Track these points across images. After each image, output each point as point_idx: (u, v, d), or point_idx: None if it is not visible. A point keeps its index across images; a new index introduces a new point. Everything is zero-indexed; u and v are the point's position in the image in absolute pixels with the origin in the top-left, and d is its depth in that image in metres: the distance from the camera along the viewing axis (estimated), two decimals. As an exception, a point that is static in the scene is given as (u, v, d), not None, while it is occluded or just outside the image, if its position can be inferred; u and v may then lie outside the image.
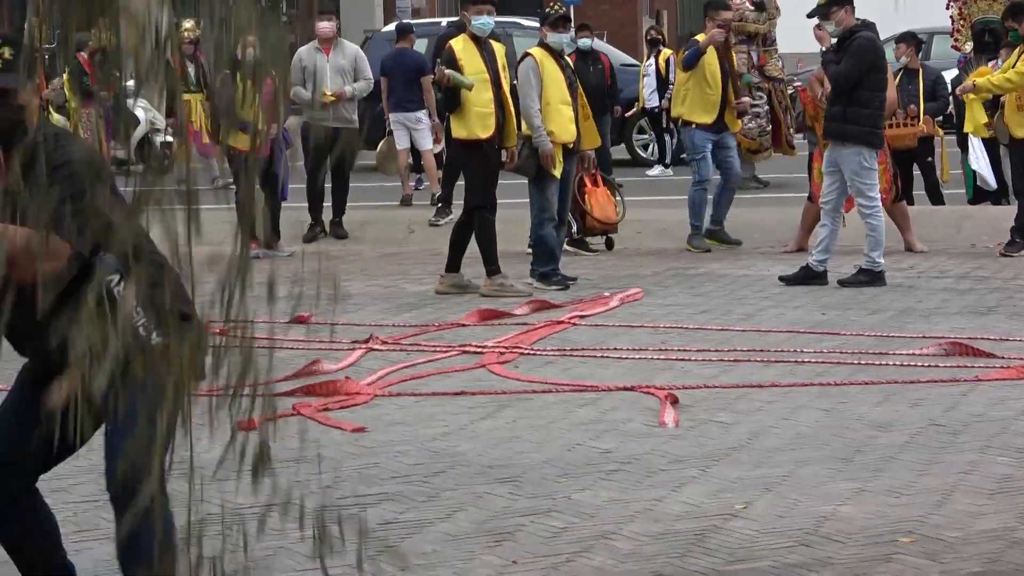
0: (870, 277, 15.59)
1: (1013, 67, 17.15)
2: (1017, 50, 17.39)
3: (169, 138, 26.62)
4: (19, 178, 5.81)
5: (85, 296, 5.46)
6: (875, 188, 15.94)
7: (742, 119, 20.40)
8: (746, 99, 20.29)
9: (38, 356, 6.27)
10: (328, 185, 20.47)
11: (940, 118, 20.66)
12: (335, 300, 5.85)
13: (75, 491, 9.01)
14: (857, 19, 16.10)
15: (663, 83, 27.79)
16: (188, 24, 23.64)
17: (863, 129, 15.77)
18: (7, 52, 6.20)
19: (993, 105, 18.27)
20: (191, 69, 26.17)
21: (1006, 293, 15.25)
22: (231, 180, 24.97)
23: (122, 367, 5.62)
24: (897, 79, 19.26)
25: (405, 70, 23.39)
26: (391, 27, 30.33)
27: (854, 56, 15.86)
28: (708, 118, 18.63)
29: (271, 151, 18.82)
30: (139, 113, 29.22)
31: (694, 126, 18.65)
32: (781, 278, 15.99)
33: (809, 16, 16.54)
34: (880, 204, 16.02)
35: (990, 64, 18.55)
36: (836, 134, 15.90)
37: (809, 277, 15.73)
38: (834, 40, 16.37)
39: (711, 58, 18.46)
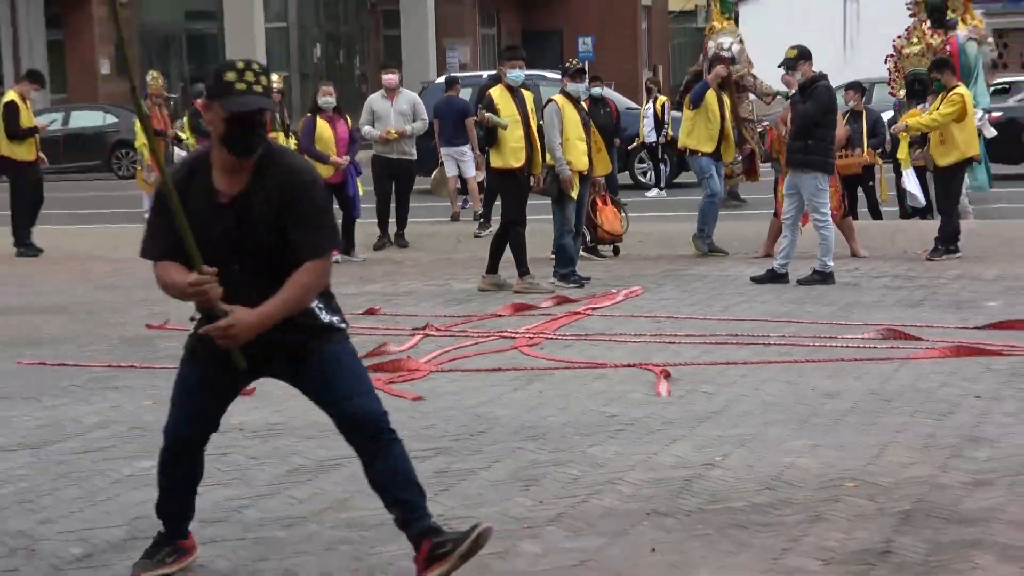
0: (822, 277, 15.54)
1: (937, 110, 17.15)
2: (940, 97, 17.38)
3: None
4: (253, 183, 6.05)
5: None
6: (827, 206, 15.97)
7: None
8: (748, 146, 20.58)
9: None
10: (392, 205, 20.27)
11: (879, 150, 20.56)
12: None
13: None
14: (815, 71, 16.07)
15: (659, 123, 28.29)
16: (276, 77, 23.86)
17: (819, 159, 15.83)
18: (265, 80, 6.16)
19: (922, 140, 18.19)
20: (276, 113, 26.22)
21: (931, 290, 15.14)
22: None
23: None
24: (845, 119, 19.27)
25: (453, 113, 23.42)
26: (442, 79, 30.31)
27: (815, 100, 15.92)
28: (710, 147, 18.58)
29: (345, 177, 18.78)
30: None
31: (700, 154, 18.55)
32: (752, 278, 15.95)
33: (780, 66, 16.57)
34: (831, 219, 16.05)
35: (919, 107, 18.42)
36: (798, 163, 15.88)
37: (774, 278, 15.71)
38: (797, 88, 16.39)
39: (712, 100, 18.45)
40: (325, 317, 6.26)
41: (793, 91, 16.67)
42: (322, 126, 18.86)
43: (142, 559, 6.57)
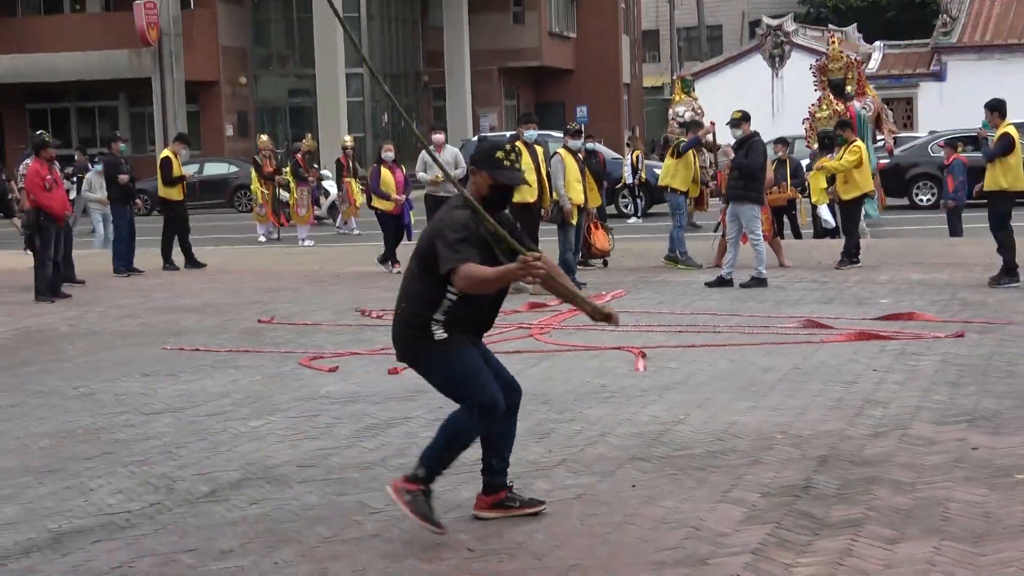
0: (758, 282, 15.42)
1: (840, 159, 17.12)
2: (843, 148, 17.33)
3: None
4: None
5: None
6: (760, 229, 15.87)
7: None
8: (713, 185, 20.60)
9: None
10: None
11: (800, 188, 20.59)
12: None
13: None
14: (752, 130, 16.07)
15: (635, 169, 28.81)
16: (320, 140, 24.20)
17: (754, 194, 15.78)
18: (518, 162, 6.21)
19: (831, 180, 18.18)
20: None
21: (838, 291, 15.00)
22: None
23: None
24: (774, 165, 19.18)
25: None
26: (476, 138, 30.38)
27: (752, 151, 15.82)
28: (685, 187, 18.57)
29: (402, 210, 18.84)
30: (331, 188, 29.19)
31: (679, 192, 18.44)
32: (706, 283, 15.79)
33: (727, 124, 16.55)
34: (763, 238, 15.91)
35: (827, 156, 18.33)
36: (738, 197, 15.77)
37: (722, 283, 15.58)
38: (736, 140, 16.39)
39: (690, 152, 18.51)
40: None
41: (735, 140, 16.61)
42: (385, 173, 18.96)
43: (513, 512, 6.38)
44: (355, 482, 7.20)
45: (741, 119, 16.29)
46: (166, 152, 20.75)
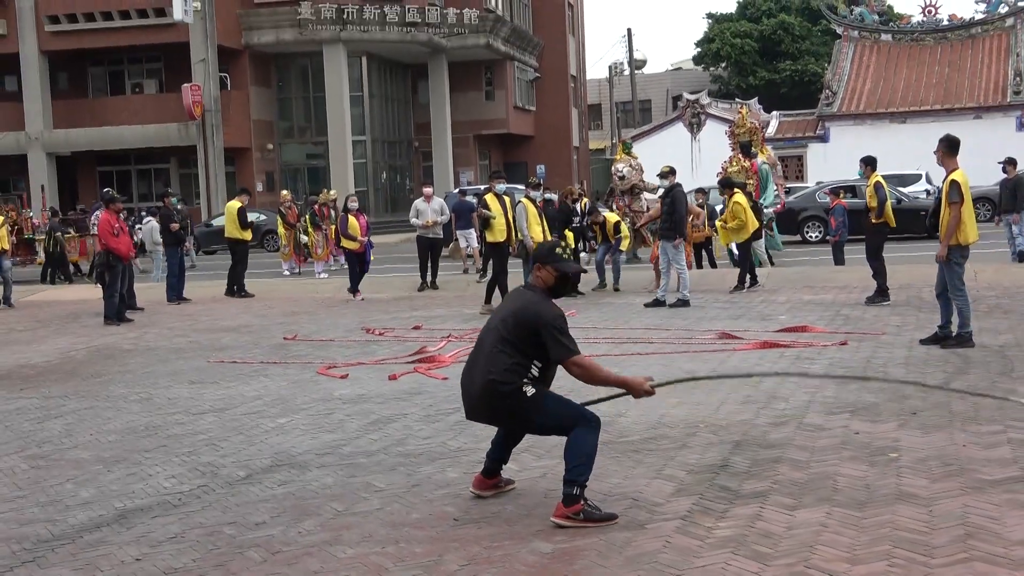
0: (684, 303, 15.36)
1: (728, 216, 17.49)
2: (728, 200, 17.64)
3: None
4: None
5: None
6: (684, 260, 15.85)
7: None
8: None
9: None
10: (428, 264, 20.07)
11: (714, 228, 20.64)
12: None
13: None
14: (677, 181, 16.16)
15: (583, 215, 28.15)
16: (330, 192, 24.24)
17: (676, 233, 15.74)
18: (570, 254, 6.18)
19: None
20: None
21: (746, 309, 15.03)
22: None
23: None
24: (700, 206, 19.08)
25: (464, 210, 23.35)
26: (457, 190, 30.34)
27: (676, 200, 15.82)
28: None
29: (365, 249, 19.30)
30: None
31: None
32: (644, 304, 15.72)
33: (657, 175, 16.65)
34: (687, 267, 15.91)
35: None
36: (665, 236, 15.77)
37: (656, 304, 15.51)
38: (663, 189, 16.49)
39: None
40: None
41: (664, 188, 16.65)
42: (352, 220, 19.19)
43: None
44: (363, 466, 7.14)
45: (668, 172, 16.35)
46: (238, 203, 20.38)
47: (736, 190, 17.68)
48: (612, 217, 18.90)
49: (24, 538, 5.93)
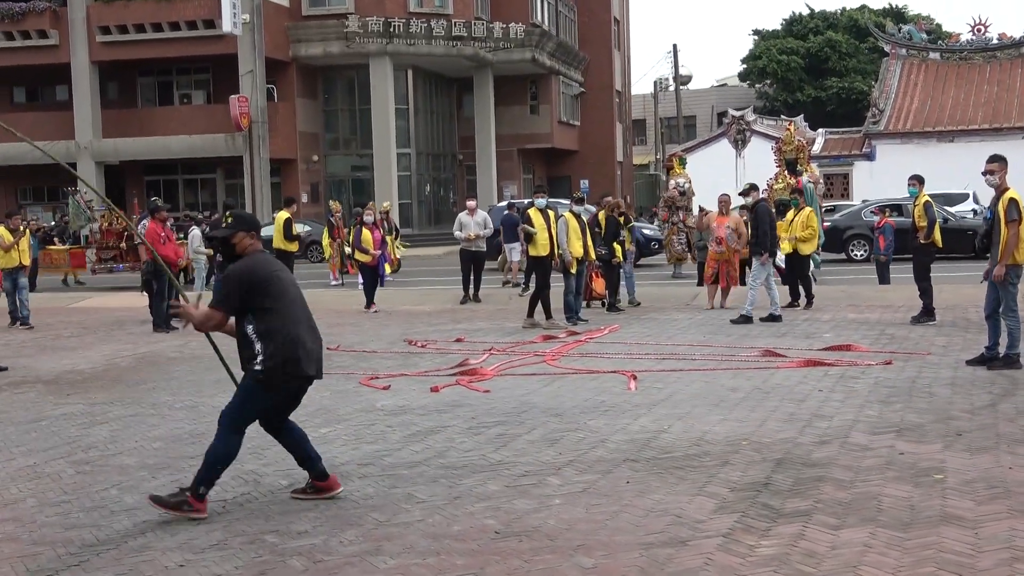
0: (775, 318, 15.36)
1: (800, 226, 17.13)
2: (795, 212, 17.37)
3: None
4: None
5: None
6: (768, 275, 15.87)
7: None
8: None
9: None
10: (471, 277, 20.14)
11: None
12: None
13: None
14: (760, 196, 16.39)
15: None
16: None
17: (762, 248, 15.73)
18: (230, 218, 6.52)
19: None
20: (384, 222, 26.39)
21: (791, 327, 14.98)
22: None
23: None
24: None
25: (509, 224, 23.35)
26: (502, 203, 30.38)
27: (759, 215, 15.76)
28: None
29: (379, 262, 19.62)
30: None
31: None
32: (731, 321, 15.54)
33: (740, 194, 16.65)
34: (759, 284, 15.85)
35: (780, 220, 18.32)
36: (753, 251, 15.94)
37: (743, 320, 15.33)
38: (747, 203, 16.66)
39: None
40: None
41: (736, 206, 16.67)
42: (365, 232, 19.42)
43: None
44: (405, 478, 7.16)
45: (750, 188, 16.48)
46: (286, 214, 20.38)
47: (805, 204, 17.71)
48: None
49: (69, 542, 6.01)
